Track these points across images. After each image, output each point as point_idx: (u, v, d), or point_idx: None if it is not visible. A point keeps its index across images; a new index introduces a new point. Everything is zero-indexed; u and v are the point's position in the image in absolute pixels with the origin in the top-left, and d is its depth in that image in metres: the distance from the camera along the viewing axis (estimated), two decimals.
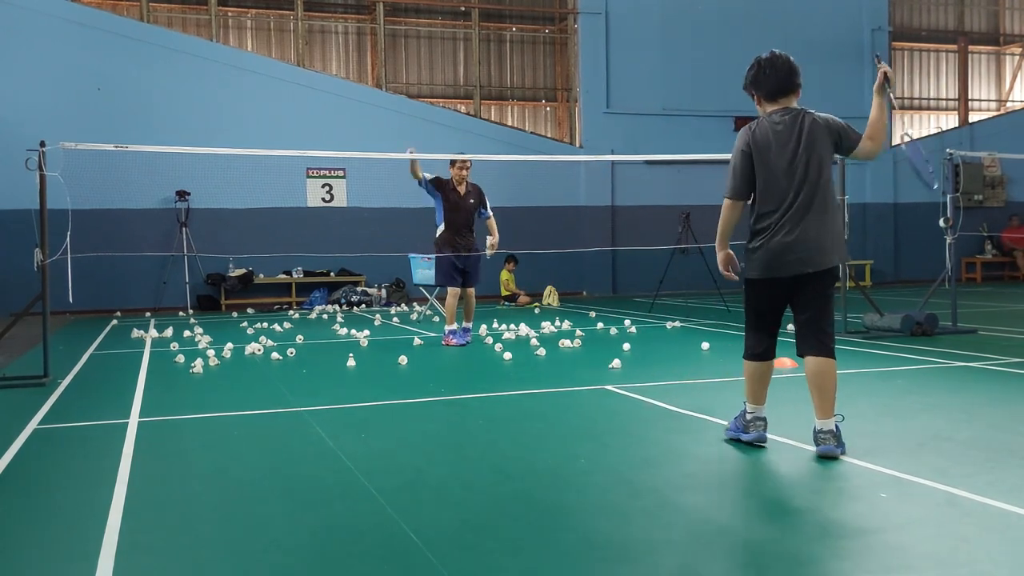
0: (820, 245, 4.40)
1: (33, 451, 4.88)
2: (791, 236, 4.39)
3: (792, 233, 4.39)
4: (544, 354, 8.57)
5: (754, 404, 4.62)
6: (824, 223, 4.44)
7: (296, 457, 4.61)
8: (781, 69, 4.59)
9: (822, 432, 4.38)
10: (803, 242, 4.38)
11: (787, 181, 4.44)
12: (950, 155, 10.07)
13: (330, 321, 12.76)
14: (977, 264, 20.80)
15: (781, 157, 4.47)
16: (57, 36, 15.42)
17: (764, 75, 4.60)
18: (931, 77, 22.43)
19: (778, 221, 4.43)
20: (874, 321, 9.58)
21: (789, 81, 4.61)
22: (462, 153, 10.12)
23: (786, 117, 4.54)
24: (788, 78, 4.60)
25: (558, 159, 17.31)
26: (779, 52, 4.63)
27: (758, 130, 4.57)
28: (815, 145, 4.47)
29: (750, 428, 4.58)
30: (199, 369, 7.76)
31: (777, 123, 4.54)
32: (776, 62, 4.60)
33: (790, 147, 4.47)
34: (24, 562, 3.19)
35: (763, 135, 4.53)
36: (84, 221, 11.58)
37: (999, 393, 6.01)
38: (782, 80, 4.59)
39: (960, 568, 2.88)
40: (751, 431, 4.57)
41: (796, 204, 4.42)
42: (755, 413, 4.60)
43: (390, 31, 18.56)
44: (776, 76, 4.59)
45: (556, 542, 3.23)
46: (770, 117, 4.59)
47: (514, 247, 16.24)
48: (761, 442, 4.57)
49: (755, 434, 4.56)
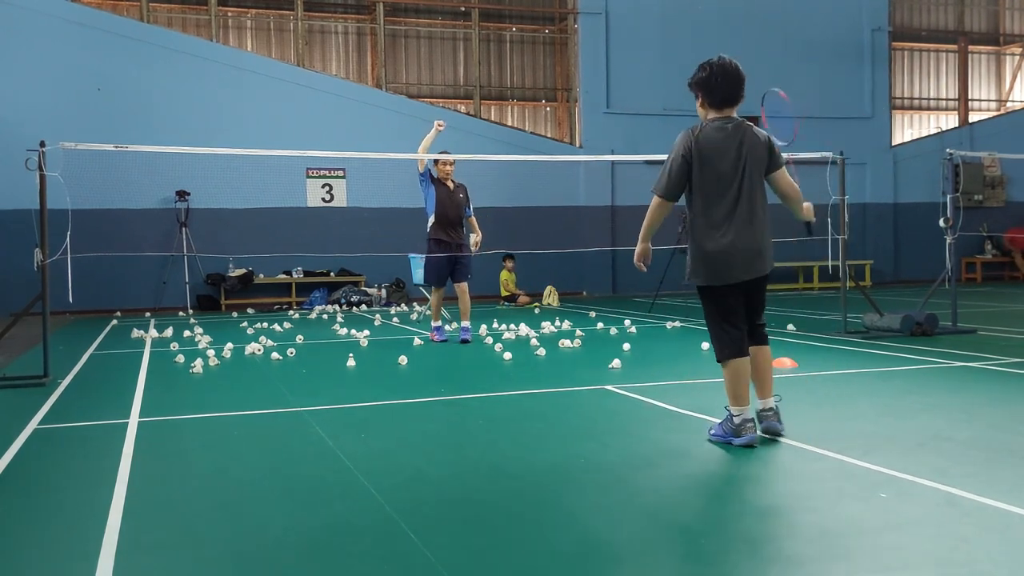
0: (761, 251, 4.63)
1: (33, 451, 4.88)
2: (737, 242, 4.57)
3: (738, 239, 4.57)
4: (544, 354, 8.57)
5: (739, 406, 4.61)
6: (764, 231, 4.65)
7: (296, 457, 4.62)
8: (732, 79, 4.65)
9: (765, 410, 4.73)
10: (747, 249, 4.59)
11: (730, 188, 4.58)
12: (950, 155, 10.07)
13: (330, 321, 12.76)
14: (977, 264, 20.80)
15: (724, 164, 4.59)
16: (57, 36, 15.43)
17: (715, 82, 4.64)
18: (931, 77, 22.43)
19: (721, 227, 4.58)
20: (874, 321, 9.58)
21: (738, 92, 4.68)
22: (446, 152, 10.36)
23: (728, 126, 4.65)
24: (738, 89, 4.68)
25: (558, 159, 17.31)
26: (729, 59, 4.68)
27: (702, 135, 4.64)
28: (754, 156, 4.62)
29: (742, 432, 4.56)
30: (199, 369, 7.77)
31: (721, 130, 4.63)
32: (728, 71, 4.64)
33: (732, 155, 4.59)
34: (24, 562, 3.19)
35: (707, 141, 4.61)
36: (84, 221, 11.57)
37: (999, 393, 6.01)
38: (732, 91, 4.66)
39: (959, 568, 2.88)
40: (744, 435, 4.55)
41: (738, 212, 4.58)
42: (742, 415, 4.59)
43: (390, 31, 18.57)
44: (727, 85, 4.65)
45: (556, 542, 3.23)
46: (713, 123, 4.67)
47: (514, 247, 16.26)
48: (753, 444, 4.56)
49: (748, 437, 4.55)
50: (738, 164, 4.59)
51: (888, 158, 20.58)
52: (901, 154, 20.79)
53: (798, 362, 7.50)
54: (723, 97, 4.65)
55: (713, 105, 4.68)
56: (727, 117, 4.68)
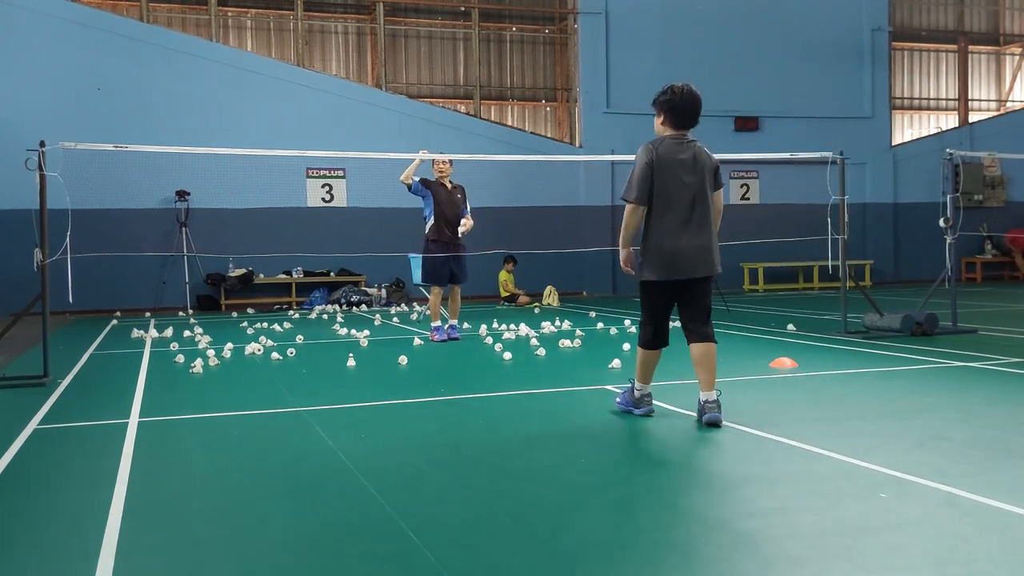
0: (710, 253, 5.20)
1: (33, 451, 4.89)
2: (688, 244, 5.14)
3: (692, 240, 5.15)
4: (544, 354, 8.57)
5: (643, 383, 5.44)
6: (712, 235, 5.23)
7: (296, 457, 4.62)
8: (693, 106, 5.28)
9: (708, 402, 5.14)
10: (699, 249, 5.16)
11: (686, 195, 5.17)
12: (950, 155, 10.07)
13: (330, 321, 12.76)
14: (977, 264, 20.80)
15: (681, 174, 5.18)
16: (57, 36, 15.43)
17: (678, 107, 5.27)
18: (931, 77, 22.43)
19: (675, 230, 5.15)
20: (874, 321, 9.58)
21: (696, 116, 5.33)
22: (442, 153, 10.46)
23: (683, 143, 5.27)
24: (696, 115, 5.32)
25: (558, 159, 17.31)
26: (692, 89, 5.28)
27: (662, 147, 5.24)
28: (705, 171, 5.24)
29: (641, 404, 5.43)
30: (199, 369, 7.77)
31: (678, 145, 5.25)
32: (691, 98, 5.27)
33: (688, 167, 5.20)
34: (24, 562, 3.20)
35: (667, 153, 5.21)
36: (84, 221, 11.57)
37: (999, 393, 6.02)
38: (691, 116, 5.30)
39: (959, 568, 2.89)
40: (642, 407, 5.43)
41: (693, 217, 5.16)
42: (643, 391, 5.44)
43: (390, 31, 18.57)
44: (689, 111, 5.27)
45: (556, 542, 3.24)
46: (671, 139, 5.28)
47: (514, 247, 16.26)
48: (651, 415, 5.41)
49: (646, 409, 5.43)
50: (693, 175, 5.18)
51: (888, 158, 20.58)
52: (901, 154, 20.79)
53: (798, 362, 7.50)
54: (684, 120, 5.29)
55: (674, 125, 5.29)
56: (683, 135, 5.30)
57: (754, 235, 16.49)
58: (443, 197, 9.93)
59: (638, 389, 5.43)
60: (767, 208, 19.58)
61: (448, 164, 10.12)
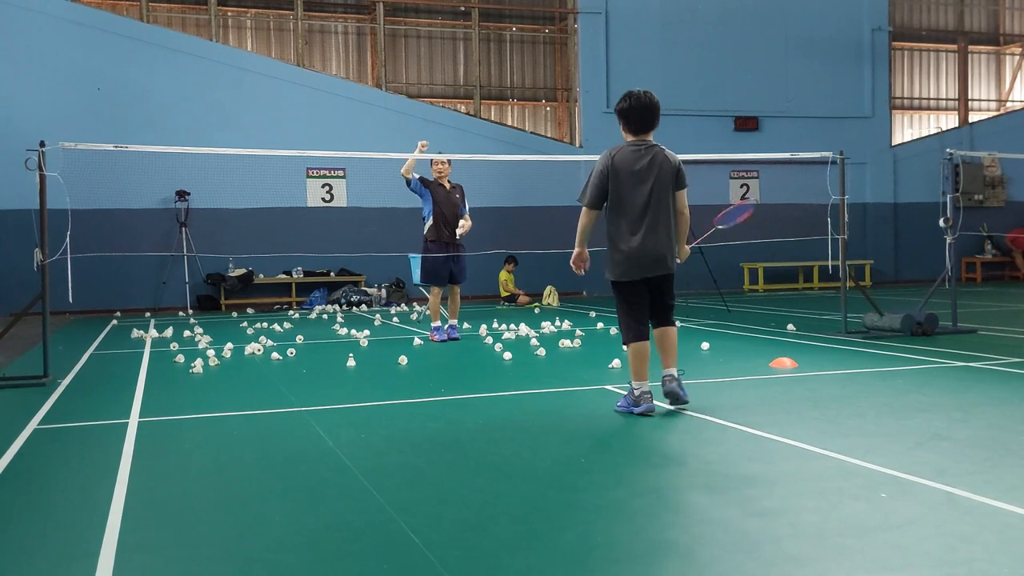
0: (664, 254, 5.49)
1: (33, 451, 4.89)
2: (641, 245, 5.44)
3: (645, 243, 5.44)
4: (544, 354, 8.57)
5: (639, 381, 5.48)
6: (668, 236, 5.51)
7: (296, 457, 4.62)
8: (647, 111, 5.51)
9: (668, 377, 5.53)
10: (653, 250, 5.45)
11: (640, 199, 5.45)
12: (950, 155, 10.07)
13: (330, 321, 12.76)
14: (977, 264, 20.80)
15: (636, 179, 5.46)
16: (57, 36, 15.42)
17: (633, 113, 5.52)
18: (931, 77, 22.43)
19: (629, 233, 5.46)
20: (874, 321, 9.58)
21: (651, 122, 5.54)
22: (440, 153, 10.43)
23: (642, 148, 5.52)
24: (652, 120, 5.53)
25: (558, 159, 17.31)
26: (645, 93, 5.51)
27: (618, 155, 5.53)
28: (663, 174, 5.48)
29: (640, 402, 5.44)
30: (199, 369, 7.77)
31: (635, 152, 5.51)
32: (645, 105, 5.50)
33: (643, 172, 5.46)
34: (24, 562, 3.19)
35: (622, 160, 5.50)
36: (84, 221, 11.59)
37: (999, 393, 6.02)
38: (647, 122, 5.53)
39: (959, 567, 2.89)
40: (642, 404, 5.44)
41: (646, 220, 5.45)
42: (641, 388, 5.46)
43: (390, 31, 18.57)
44: (644, 116, 5.51)
45: (556, 542, 3.23)
46: (629, 145, 5.56)
47: (514, 247, 16.26)
48: (650, 413, 5.45)
49: (645, 406, 5.43)
50: (648, 181, 5.43)
51: (888, 158, 20.58)
52: (901, 154, 20.79)
53: (798, 362, 7.50)
54: (639, 126, 5.53)
55: (631, 131, 5.57)
56: (642, 140, 5.54)
57: (754, 235, 16.49)
58: (441, 197, 9.95)
59: (636, 388, 5.50)
60: (767, 208, 19.57)
61: (447, 164, 10.12)
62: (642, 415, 5.43)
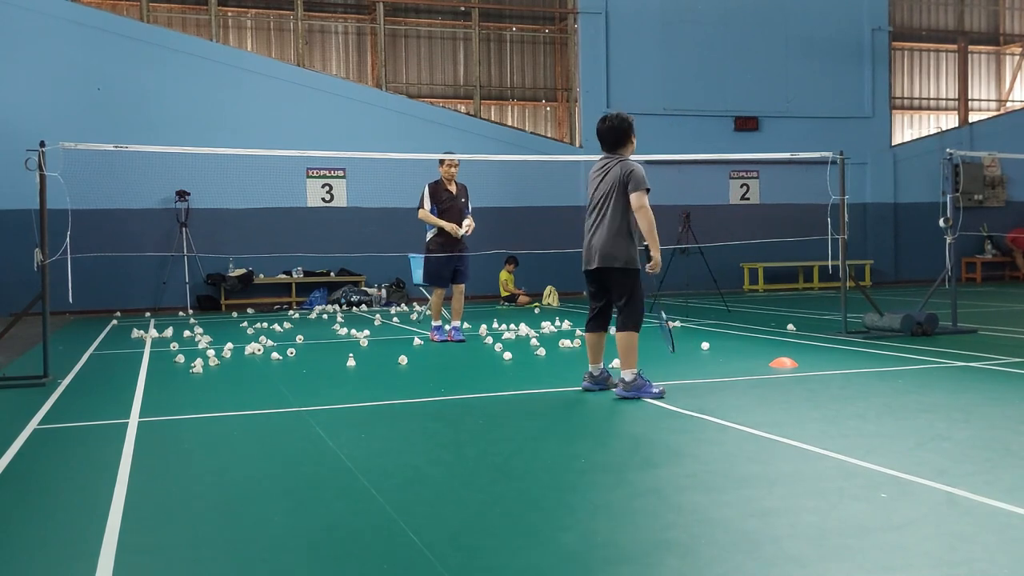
0: (602, 249, 6.14)
1: (33, 451, 4.88)
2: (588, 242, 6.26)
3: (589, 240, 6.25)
4: (544, 354, 8.57)
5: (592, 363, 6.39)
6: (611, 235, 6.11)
7: (296, 457, 4.62)
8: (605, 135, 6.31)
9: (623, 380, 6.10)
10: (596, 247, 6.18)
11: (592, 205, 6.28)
12: (950, 155, 10.07)
13: (330, 321, 12.76)
14: (977, 264, 20.80)
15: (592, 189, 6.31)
16: (57, 36, 15.42)
17: (599, 134, 6.37)
18: (931, 77, 22.42)
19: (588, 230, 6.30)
20: (874, 321, 9.58)
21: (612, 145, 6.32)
22: (451, 152, 10.29)
23: (607, 161, 6.30)
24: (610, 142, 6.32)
25: (558, 159, 17.31)
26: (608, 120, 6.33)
27: (594, 166, 6.41)
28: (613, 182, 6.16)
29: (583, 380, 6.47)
30: (199, 369, 7.77)
31: (602, 163, 6.35)
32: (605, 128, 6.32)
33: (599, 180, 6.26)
34: (24, 562, 3.19)
35: (593, 170, 6.40)
36: (84, 221, 11.59)
37: (999, 393, 6.01)
38: (607, 143, 6.33)
39: (960, 567, 2.89)
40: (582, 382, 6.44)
41: (594, 221, 6.23)
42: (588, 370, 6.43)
43: (390, 31, 18.56)
44: (604, 137, 6.32)
45: (556, 542, 3.23)
46: (601, 159, 6.38)
47: (514, 247, 16.26)
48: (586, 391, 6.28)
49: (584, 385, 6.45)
50: (602, 188, 6.20)
51: (888, 158, 20.57)
52: (901, 154, 20.79)
53: (798, 362, 7.50)
54: (603, 145, 6.36)
55: (602, 148, 6.38)
56: (609, 155, 6.32)
57: (754, 235, 16.48)
58: (447, 203, 9.86)
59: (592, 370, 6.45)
60: (767, 208, 19.58)
61: (456, 165, 10.04)
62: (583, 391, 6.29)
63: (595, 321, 6.38)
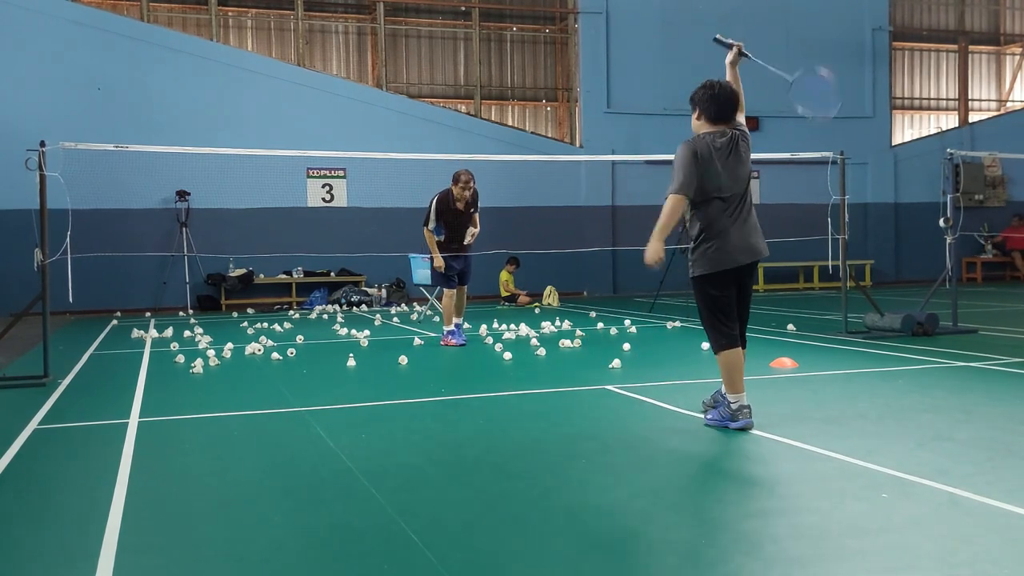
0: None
1: (33, 451, 4.88)
2: (743, 229, 5.18)
3: (743, 227, 5.19)
4: (544, 354, 8.56)
5: (735, 393, 5.01)
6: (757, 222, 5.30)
7: (296, 457, 4.61)
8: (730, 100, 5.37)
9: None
10: (749, 236, 5.20)
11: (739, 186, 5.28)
12: (950, 155, 10.07)
13: (330, 321, 12.76)
14: (977, 264, 20.79)
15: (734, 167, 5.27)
16: (57, 36, 15.41)
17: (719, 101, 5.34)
18: (931, 77, 22.42)
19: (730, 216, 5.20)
20: (875, 321, 9.58)
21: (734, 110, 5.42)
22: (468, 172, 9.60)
23: (726, 136, 5.28)
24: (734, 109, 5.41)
25: (558, 159, 17.30)
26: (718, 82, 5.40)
27: (701, 141, 5.23)
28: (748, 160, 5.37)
29: (738, 417, 4.96)
30: (199, 369, 7.76)
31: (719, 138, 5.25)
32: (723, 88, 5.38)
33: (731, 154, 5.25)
34: (24, 562, 3.19)
35: (708, 147, 5.20)
36: (84, 221, 11.57)
37: (999, 393, 6.01)
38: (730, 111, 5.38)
39: (961, 568, 2.88)
40: (739, 420, 4.96)
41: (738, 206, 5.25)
42: (738, 402, 4.99)
43: (390, 31, 18.56)
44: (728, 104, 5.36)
45: (556, 542, 3.23)
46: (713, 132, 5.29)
47: (515, 247, 16.24)
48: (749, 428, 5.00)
49: (743, 421, 4.95)
50: (741, 169, 5.30)
51: (889, 158, 20.57)
52: (902, 154, 20.78)
53: (799, 362, 7.49)
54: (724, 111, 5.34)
55: (713, 119, 5.32)
56: (716, 128, 5.32)
57: None
58: (454, 224, 9.61)
59: (732, 401, 5.01)
60: (768, 208, 19.54)
61: (469, 190, 9.49)
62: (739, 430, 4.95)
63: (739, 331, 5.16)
